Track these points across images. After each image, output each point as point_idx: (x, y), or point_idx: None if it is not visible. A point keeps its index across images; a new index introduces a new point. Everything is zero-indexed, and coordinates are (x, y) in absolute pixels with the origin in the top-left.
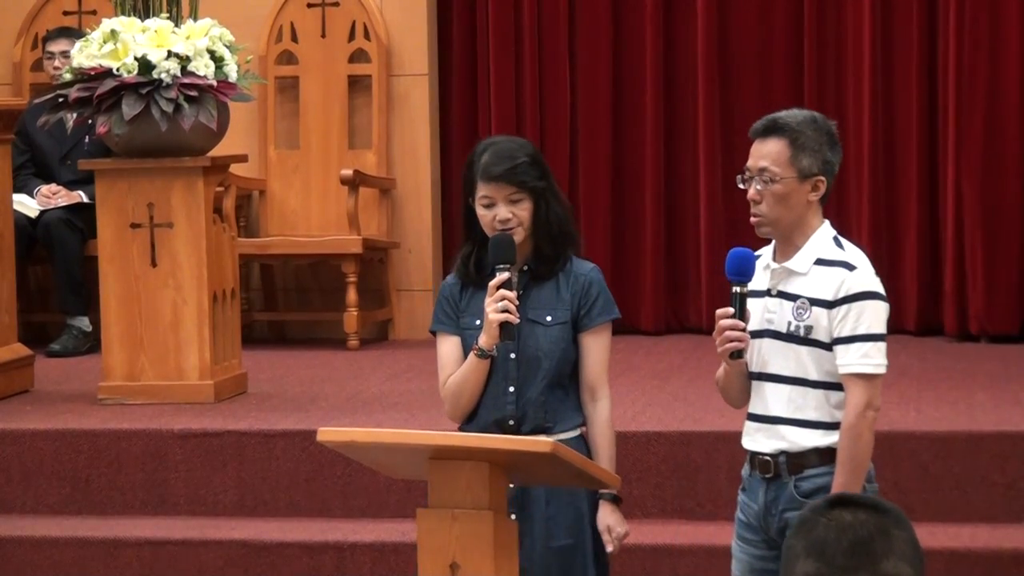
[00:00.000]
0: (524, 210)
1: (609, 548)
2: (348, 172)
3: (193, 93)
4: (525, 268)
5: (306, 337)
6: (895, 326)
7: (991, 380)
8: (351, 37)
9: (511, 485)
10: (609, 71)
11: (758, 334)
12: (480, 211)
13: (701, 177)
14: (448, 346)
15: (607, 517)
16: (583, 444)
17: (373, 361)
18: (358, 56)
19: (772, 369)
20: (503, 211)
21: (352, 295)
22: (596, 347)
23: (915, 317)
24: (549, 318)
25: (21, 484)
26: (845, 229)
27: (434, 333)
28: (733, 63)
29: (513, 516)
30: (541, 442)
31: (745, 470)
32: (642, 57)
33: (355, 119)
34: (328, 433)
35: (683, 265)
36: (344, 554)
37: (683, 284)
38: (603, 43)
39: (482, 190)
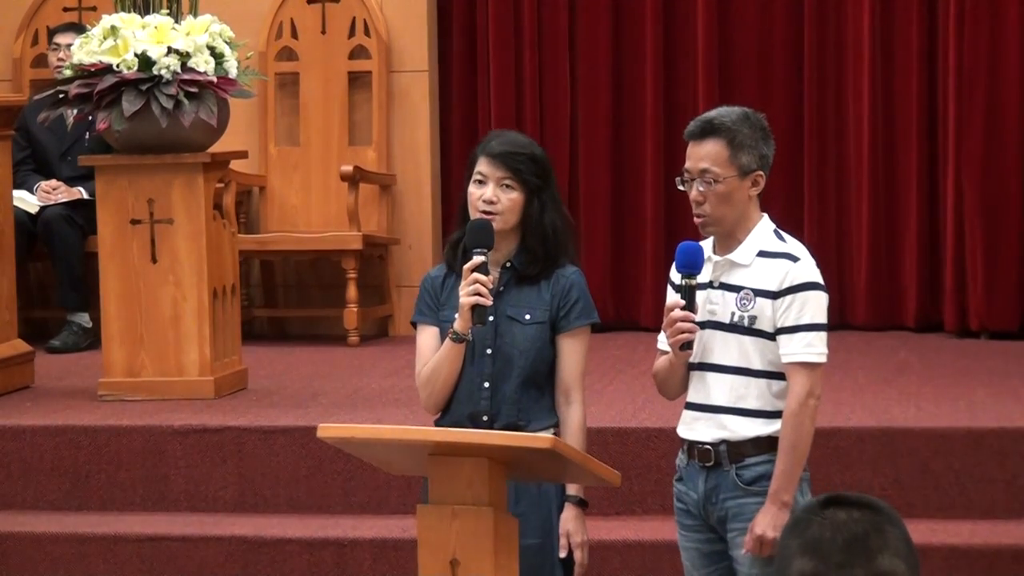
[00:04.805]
0: (510, 200)
1: (562, 553)
2: (348, 168)
3: (193, 89)
4: (508, 264)
5: (306, 333)
6: (895, 322)
7: (991, 376)
8: (351, 33)
9: None
10: (609, 70)
11: (700, 325)
12: (471, 188)
13: None
14: (426, 336)
15: (568, 522)
16: None
17: (373, 357)
18: (358, 52)
19: (714, 359)
20: (490, 191)
21: (352, 291)
22: (573, 350)
23: (915, 314)
24: (528, 316)
25: (21, 480)
26: (845, 229)
27: (415, 325)
28: (733, 63)
29: None
30: (541, 438)
31: (681, 459)
32: (642, 57)
33: (355, 115)
34: (328, 429)
35: None
36: (344, 550)
37: None
38: (603, 42)
39: (479, 166)
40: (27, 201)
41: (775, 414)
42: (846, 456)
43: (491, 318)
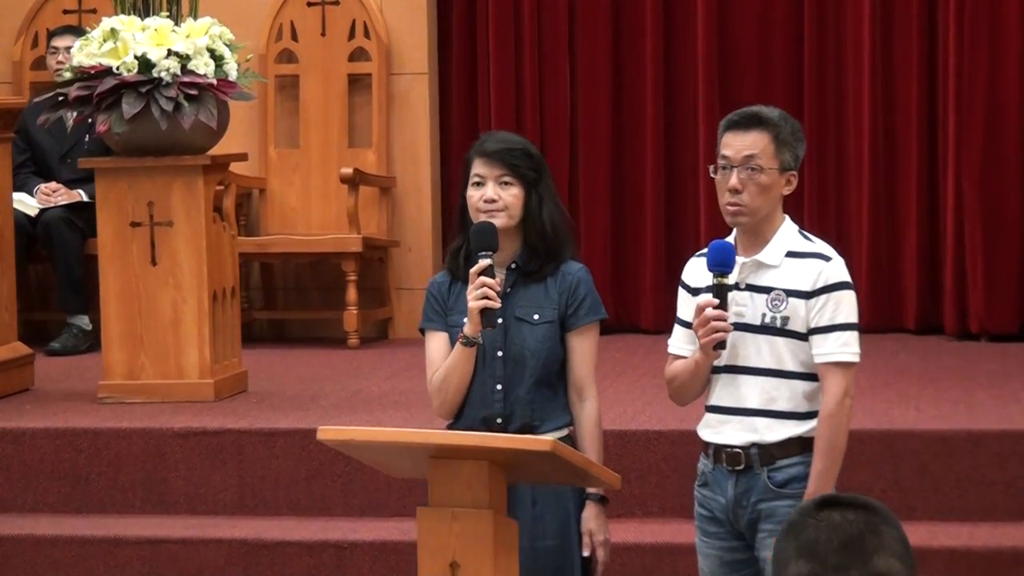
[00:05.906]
0: (512, 196)
1: (585, 552)
2: (348, 171)
3: (193, 92)
4: (513, 266)
5: (306, 336)
6: (895, 325)
7: (991, 379)
8: (351, 36)
9: None
10: (609, 71)
11: None
12: (470, 192)
13: (701, 176)
14: (436, 342)
15: (590, 520)
16: (571, 443)
17: (373, 360)
18: (358, 55)
19: (744, 362)
20: (490, 190)
21: (352, 294)
22: (583, 347)
23: (915, 316)
24: (536, 316)
25: (21, 483)
26: (845, 229)
27: (423, 332)
28: (733, 63)
29: None
30: (541, 440)
31: (705, 464)
32: (642, 57)
33: (355, 118)
34: (328, 432)
35: (683, 263)
36: (344, 553)
37: None
38: (603, 43)
39: (475, 167)
40: (27, 203)
41: (805, 415)
42: (846, 458)
43: (500, 320)
